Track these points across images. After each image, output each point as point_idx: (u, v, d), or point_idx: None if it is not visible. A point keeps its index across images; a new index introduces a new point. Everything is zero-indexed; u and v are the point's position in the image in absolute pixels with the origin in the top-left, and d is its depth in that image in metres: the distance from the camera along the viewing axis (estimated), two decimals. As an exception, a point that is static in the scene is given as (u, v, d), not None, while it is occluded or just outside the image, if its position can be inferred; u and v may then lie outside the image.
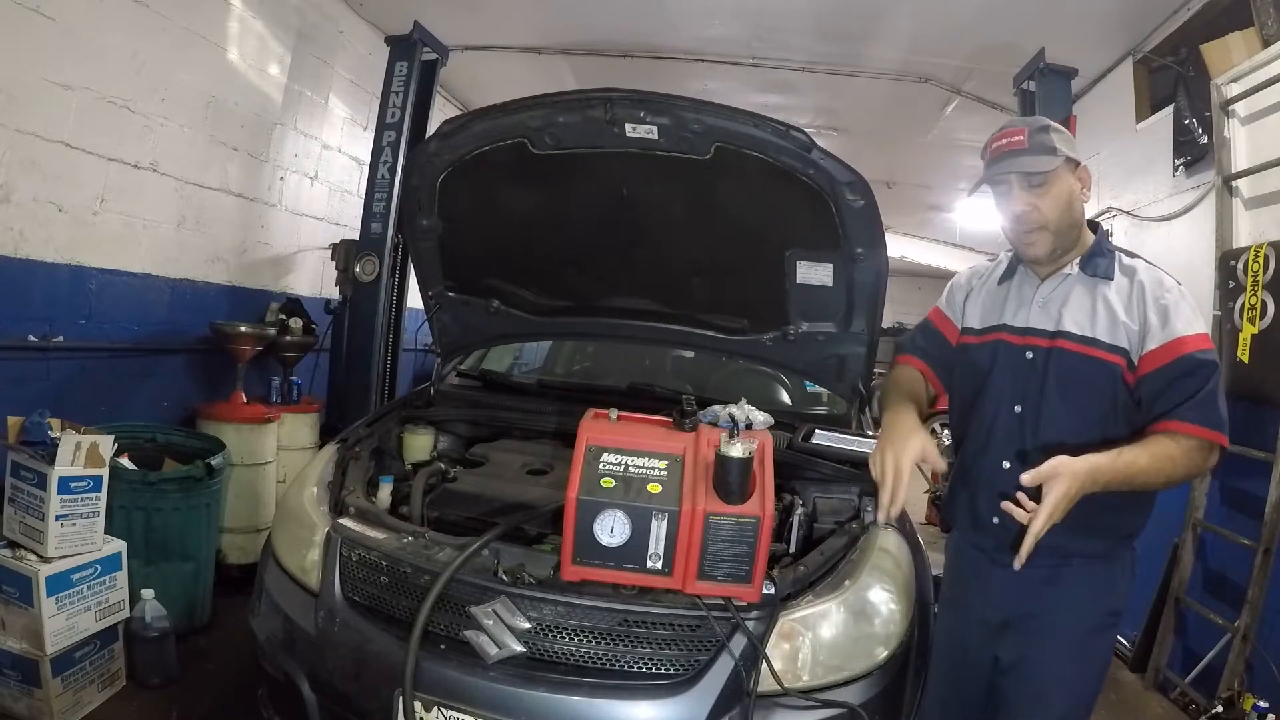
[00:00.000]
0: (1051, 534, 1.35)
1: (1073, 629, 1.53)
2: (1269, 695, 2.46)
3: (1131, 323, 1.44)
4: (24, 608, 2.14)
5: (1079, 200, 1.51)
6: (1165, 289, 1.44)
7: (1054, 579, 1.53)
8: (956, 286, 1.76)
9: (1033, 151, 1.45)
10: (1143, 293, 1.44)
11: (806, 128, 1.84)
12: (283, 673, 1.65)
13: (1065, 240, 1.51)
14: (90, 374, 2.96)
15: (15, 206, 2.59)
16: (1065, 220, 1.49)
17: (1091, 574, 1.53)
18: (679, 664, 1.46)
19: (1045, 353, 1.51)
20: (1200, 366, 1.38)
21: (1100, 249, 1.52)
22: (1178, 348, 1.39)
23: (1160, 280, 1.45)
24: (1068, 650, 1.53)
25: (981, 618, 1.62)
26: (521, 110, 1.81)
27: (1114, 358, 1.44)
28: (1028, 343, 1.54)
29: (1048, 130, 1.48)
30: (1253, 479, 2.75)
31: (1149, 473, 1.35)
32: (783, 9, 3.94)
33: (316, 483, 1.93)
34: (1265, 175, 2.81)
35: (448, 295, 2.33)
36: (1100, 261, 1.50)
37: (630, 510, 1.46)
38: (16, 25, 2.49)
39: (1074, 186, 1.49)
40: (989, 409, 1.58)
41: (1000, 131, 1.52)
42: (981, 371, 1.61)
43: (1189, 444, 1.37)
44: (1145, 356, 1.42)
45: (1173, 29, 3.58)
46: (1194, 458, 1.38)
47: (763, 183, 1.80)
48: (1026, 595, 1.55)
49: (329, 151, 4.55)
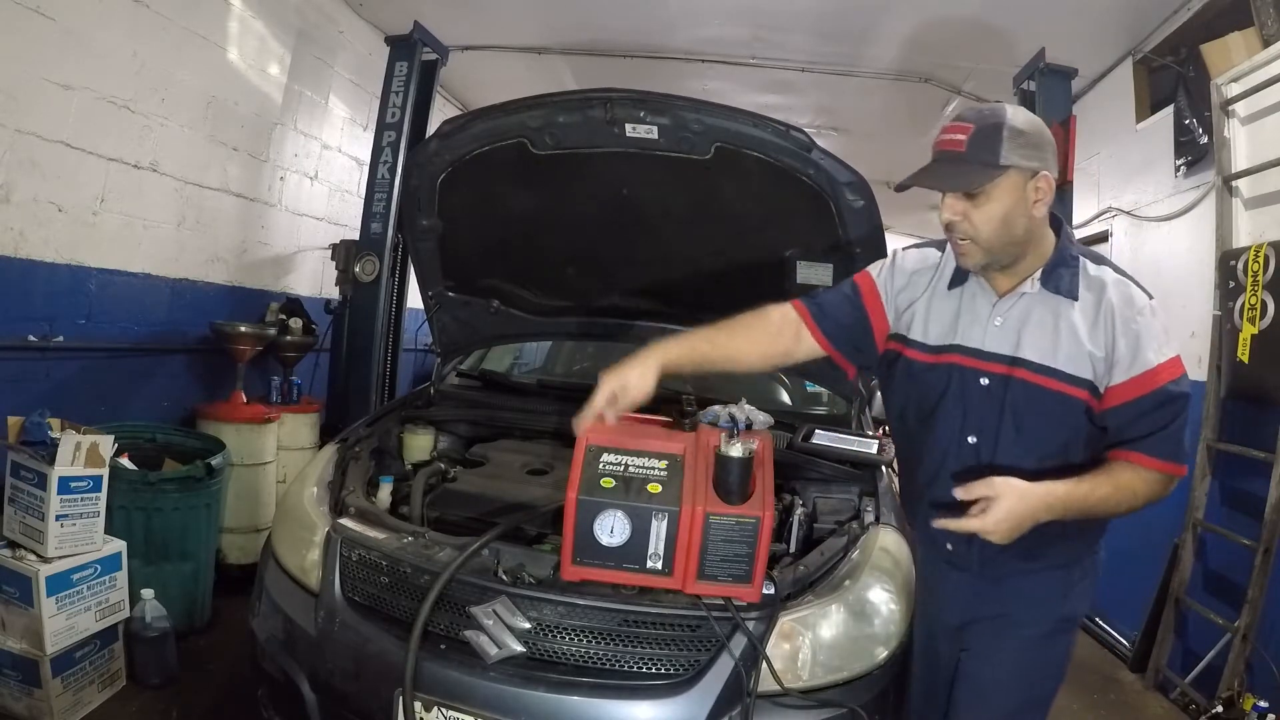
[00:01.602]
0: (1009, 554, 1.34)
1: (1021, 632, 1.48)
2: (1269, 695, 2.46)
3: (1098, 350, 1.31)
4: (24, 608, 2.14)
5: (1025, 216, 1.31)
6: (1136, 309, 1.31)
7: (1006, 584, 1.48)
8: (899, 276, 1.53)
9: (968, 159, 1.27)
10: (1111, 315, 1.31)
11: (806, 128, 1.84)
12: (283, 673, 1.65)
13: (1003, 257, 1.35)
14: (90, 374, 2.95)
15: (15, 206, 2.59)
16: (1001, 238, 1.31)
17: (1049, 581, 1.47)
18: (679, 664, 1.46)
19: (1003, 380, 1.37)
20: (1172, 400, 1.30)
21: (1063, 258, 1.37)
22: (1150, 380, 1.29)
23: (1131, 299, 1.32)
24: (1014, 653, 1.48)
25: (944, 621, 1.59)
26: (521, 110, 1.82)
27: (1077, 391, 1.33)
28: (983, 368, 1.39)
29: (999, 131, 1.26)
30: (1253, 479, 2.75)
31: (1109, 503, 1.31)
32: (783, 9, 3.94)
33: (316, 483, 1.93)
34: (1265, 175, 2.81)
35: (448, 295, 2.33)
36: (1063, 274, 1.35)
37: (630, 510, 1.46)
38: (16, 25, 2.49)
39: (1022, 198, 1.29)
40: (941, 436, 1.45)
41: (949, 123, 1.33)
42: (934, 395, 1.45)
43: (1150, 476, 1.32)
44: (1114, 389, 1.31)
45: (1173, 29, 3.58)
46: (1154, 489, 1.32)
47: (763, 183, 1.80)
48: (981, 598, 1.51)
49: (329, 151, 4.54)
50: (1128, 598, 3.25)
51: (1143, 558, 3.19)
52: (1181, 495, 3.06)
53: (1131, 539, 3.01)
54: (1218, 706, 2.60)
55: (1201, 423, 2.99)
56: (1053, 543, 1.39)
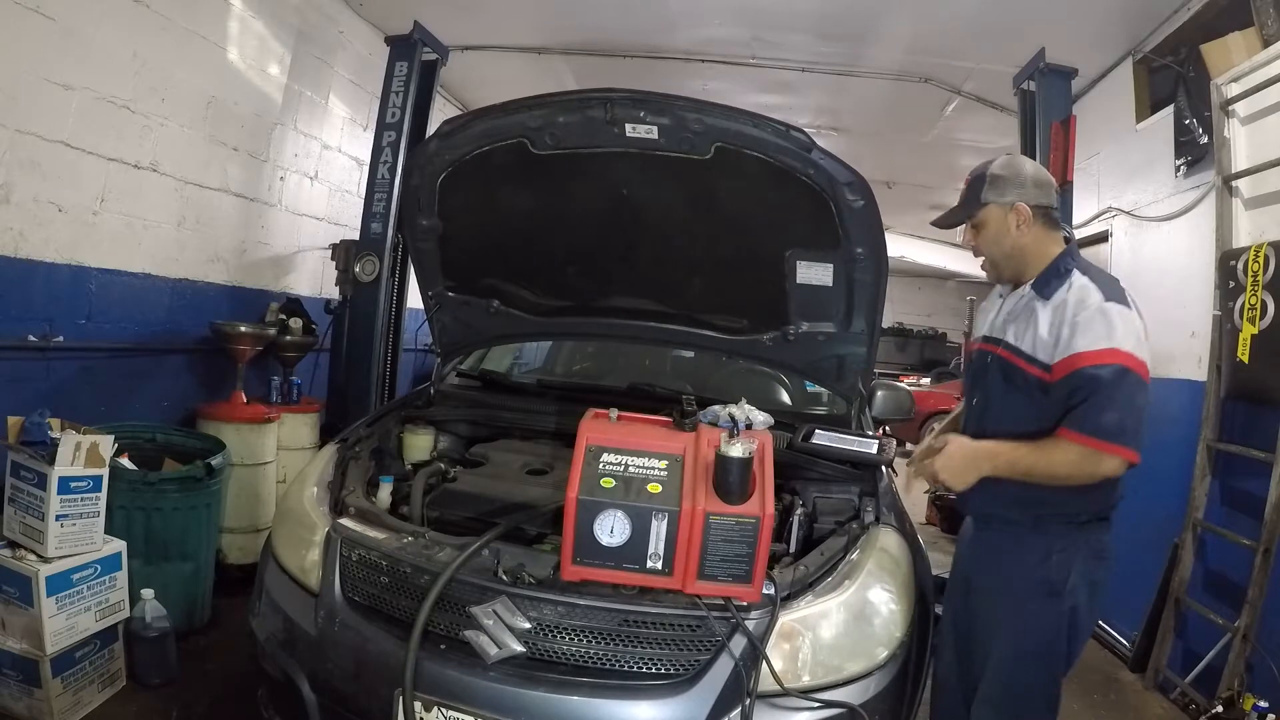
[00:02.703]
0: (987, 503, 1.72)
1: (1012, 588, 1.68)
2: (1269, 695, 2.46)
3: (1049, 338, 1.61)
4: (24, 608, 2.14)
5: (1010, 236, 1.71)
6: (1084, 306, 1.58)
7: (999, 542, 1.73)
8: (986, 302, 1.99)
9: (963, 201, 1.75)
10: (1064, 310, 1.60)
11: (806, 128, 1.84)
12: (283, 673, 1.65)
13: (1007, 269, 1.76)
14: (90, 374, 2.96)
15: (15, 206, 2.59)
16: (998, 253, 1.74)
17: (1024, 541, 1.67)
18: (679, 664, 1.46)
19: (994, 358, 1.76)
20: (1090, 381, 1.52)
21: (1056, 269, 1.68)
22: (1074, 363, 1.55)
23: (1084, 300, 1.59)
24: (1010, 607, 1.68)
25: (959, 570, 1.88)
26: (521, 110, 1.82)
27: (1033, 369, 1.64)
28: (987, 349, 1.80)
29: (982, 179, 1.71)
30: (1253, 479, 2.75)
31: (1037, 468, 1.56)
32: (783, 9, 3.94)
33: (316, 483, 1.94)
34: (1265, 175, 2.81)
35: (448, 295, 2.33)
36: (1051, 283, 1.67)
37: (630, 510, 1.46)
38: (16, 25, 2.49)
39: (1004, 225, 1.70)
40: (967, 402, 1.89)
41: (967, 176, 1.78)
42: (970, 373, 1.93)
43: (1071, 449, 1.53)
44: (1052, 368, 1.60)
45: (1173, 29, 3.58)
46: (1075, 461, 1.53)
47: (763, 183, 1.80)
48: (982, 555, 1.79)
49: (329, 151, 4.55)
50: (1128, 598, 3.24)
51: (1143, 558, 3.19)
52: (1181, 495, 3.06)
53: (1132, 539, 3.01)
54: (1218, 706, 2.60)
55: (1201, 423, 2.99)
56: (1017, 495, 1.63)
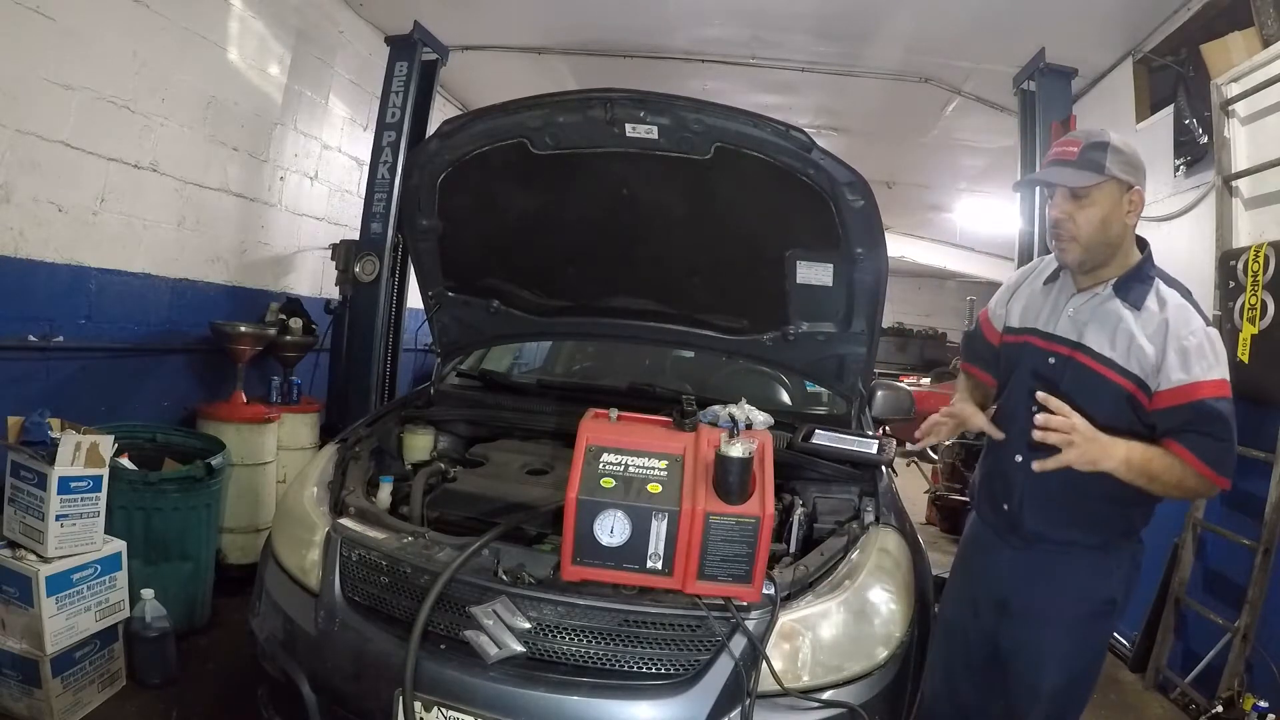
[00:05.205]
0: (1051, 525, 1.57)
1: (1067, 612, 1.61)
2: (1269, 695, 2.46)
3: (1148, 356, 1.48)
4: (24, 608, 2.14)
5: (1120, 222, 1.53)
6: (1191, 330, 1.46)
7: (1051, 564, 1.62)
8: (1006, 288, 1.84)
9: (1077, 165, 1.50)
10: (1165, 329, 1.47)
11: (806, 128, 1.84)
12: (283, 673, 1.65)
13: (1097, 255, 1.56)
14: (90, 374, 2.96)
15: (15, 206, 2.59)
16: (1098, 237, 1.53)
17: (1088, 562, 1.60)
18: (679, 664, 1.46)
19: (1065, 360, 1.59)
20: (1216, 414, 1.43)
21: (1141, 274, 1.55)
22: (1193, 392, 1.44)
23: (1188, 320, 1.47)
24: (1063, 632, 1.61)
25: (986, 591, 1.74)
26: (521, 110, 1.82)
27: (1125, 382, 1.51)
28: (1052, 349, 1.62)
29: (1105, 148, 1.50)
30: (1253, 479, 2.74)
31: (1165, 476, 1.45)
32: (783, 9, 3.94)
33: (316, 483, 1.93)
34: (1265, 175, 2.81)
35: (448, 295, 2.33)
36: (1136, 288, 1.53)
37: (630, 510, 1.46)
38: (16, 25, 2.49)
39: (1118, 207, 1.51)
40: (1012, 403, 1.68)
41: (1064, 138, 1.58)
42: (1010, 367, 1.72)
43: (1191, 472, 1.45)
44: (1161, 394, 1.47)
45: (1173, 29, 3.57)
46: (1194, 484, 1.47)
47: (763, 183, 1.80)
48: (1027, 577, 1.65)
49: (329, 151, 4.55)
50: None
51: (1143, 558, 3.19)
52: (1181, 495, 3.06)
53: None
54: (1218, 706, 2.60)
55: (1201, 423, 2.99)
56: (1094, 515, 1.56)
